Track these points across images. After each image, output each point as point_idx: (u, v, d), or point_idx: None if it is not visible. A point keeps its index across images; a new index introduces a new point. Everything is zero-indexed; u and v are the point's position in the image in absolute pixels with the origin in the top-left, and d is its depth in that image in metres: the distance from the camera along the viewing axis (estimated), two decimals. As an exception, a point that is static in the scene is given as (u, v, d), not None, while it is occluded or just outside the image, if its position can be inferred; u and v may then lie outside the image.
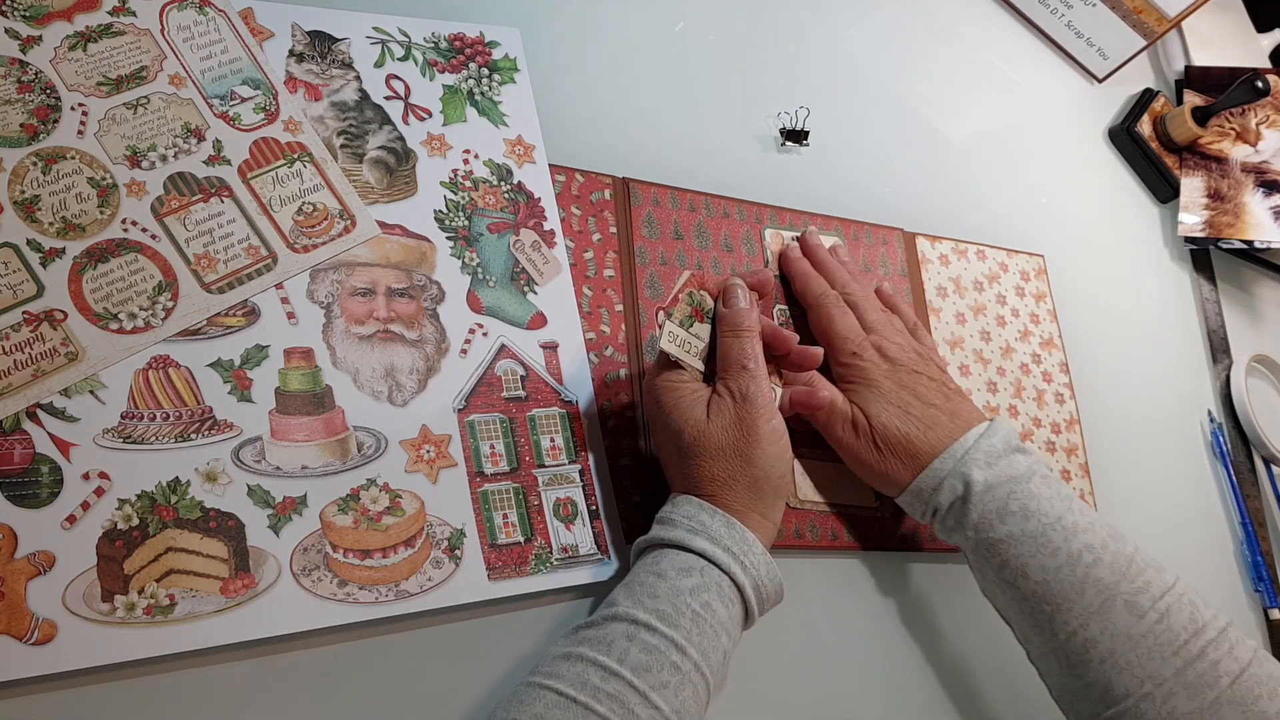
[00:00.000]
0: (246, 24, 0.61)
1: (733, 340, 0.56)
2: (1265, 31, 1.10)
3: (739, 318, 0.57)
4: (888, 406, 0.60)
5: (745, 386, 0.55)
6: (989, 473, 0.57)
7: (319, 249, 0.57)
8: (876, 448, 0.60)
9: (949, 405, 0.61)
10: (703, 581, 0.51)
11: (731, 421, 0.54)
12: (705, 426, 0.54)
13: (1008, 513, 0.56)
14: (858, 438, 0.61)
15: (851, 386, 0.62)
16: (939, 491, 0.58)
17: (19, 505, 0.47)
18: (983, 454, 0.58)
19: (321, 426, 0.53)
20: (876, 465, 0.60)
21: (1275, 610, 0.84)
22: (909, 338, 0.66)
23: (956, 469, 0.58)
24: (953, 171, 0.87)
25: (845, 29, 0.88)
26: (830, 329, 0.65)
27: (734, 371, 0.55)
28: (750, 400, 0.54)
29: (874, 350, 0.63)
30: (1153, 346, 0.91)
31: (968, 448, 0.58)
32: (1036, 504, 0.56)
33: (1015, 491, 0.57)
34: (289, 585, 0.50)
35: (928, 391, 0.61)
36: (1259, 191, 0.97)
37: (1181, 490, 0.86)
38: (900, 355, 0.63)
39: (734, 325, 0.56)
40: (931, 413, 0.60)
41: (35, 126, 0.54)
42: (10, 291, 0.50)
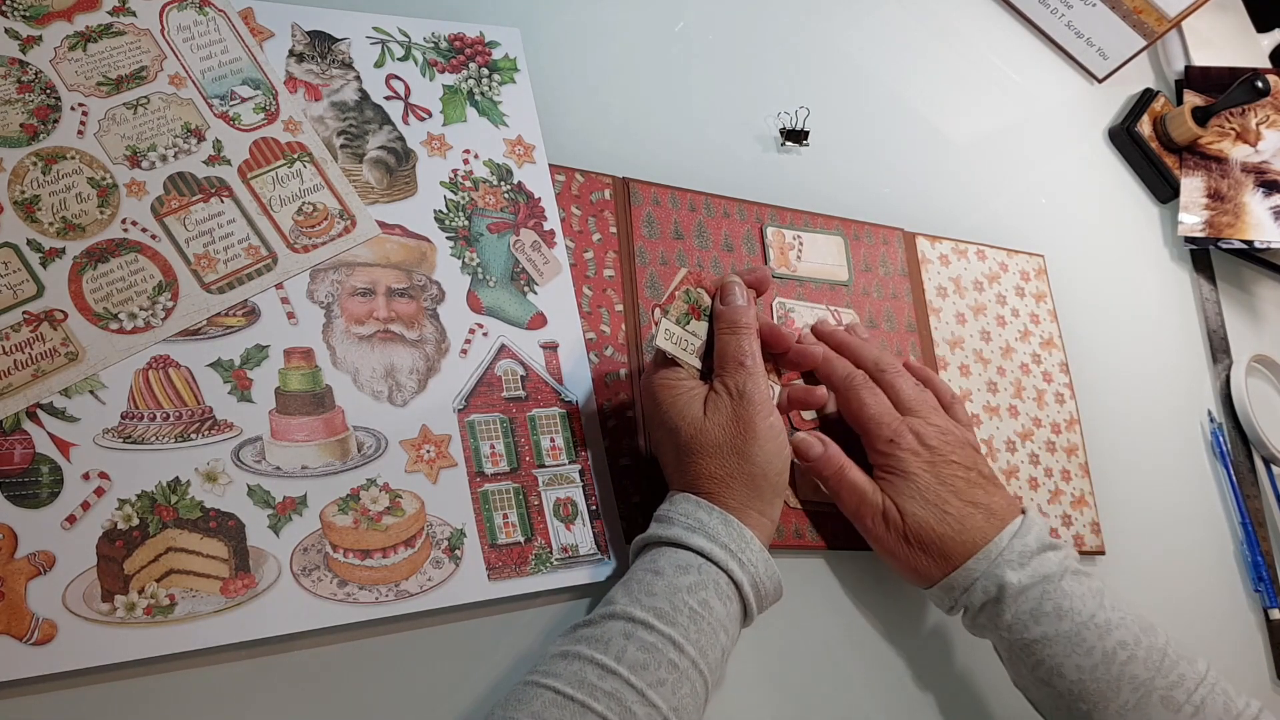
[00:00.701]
0: (246, 24, 0.61)
1: (730, 337, 0.56)
2: (1265, 31, 1.10)
3: (736, 314, 0.56)
4: (924, 505, 0.58)
5: (742, 383, 0.54)
6: (1022, 573, 0.57)
7: (319, 249, 0.57)
8: (907, 543, 0.59)
9: (985, 501, 0.59)
10: (700, 579, 0.51)
11: (729, 418, 0.54)
12: (702, 424, 0.54)
13: (1042, 613, 0.56)
14: (888, 530, 0.59)
15: (887, 477, 0.60)
16: (971, 591, 0.58)
17: (19, 505, 0.47)
18: (1016, 554, 0.57)
19: (321, 426, 0.53)
20: (906, 560, 0.59)
21: (1275, 610, 0.84)
22: (946, 418, 0.63)
23: (990, 570, 0.57)
24: (953, 171, 0.87)
25: (845, 29, 0.88)
26: (863, 414, 0.61)
27: (731, 368, 0.55)
28: (747, 397, 0.54)
29: (912, 437, 0.60)
30: (1153, 346, 0.91)
31: (1002, 548, 0.57)
32: (1070, 603, 0.56)
33: (1049, 592, 0.56)
34: (289, 585, 0.50)
35: (966, 486, 0.59)
36: (1259, 191, 0.97)
37: (1181, 490, 0.86)
38: (939, 442, 0.60)
39: (731, 322, 0.56)
40: (968, 511, 0.58)
41: (35, 126, 0.54)
42: (10, 291, 0.50)
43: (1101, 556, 0.76)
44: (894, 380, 0.63)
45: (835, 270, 0.74)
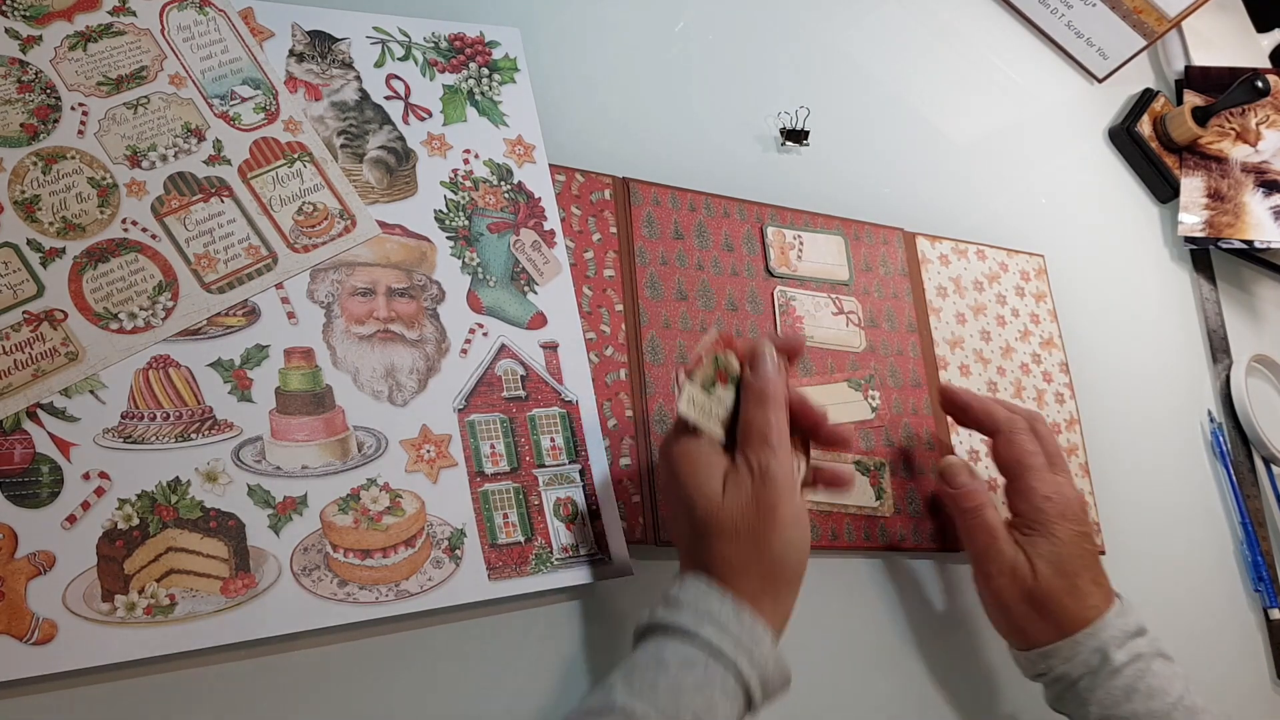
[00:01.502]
0: (246, 24, 0.61)
1: (756, 410, 0.51)
2: (1265, 31, 1.10)
3: (765, 385, 0.52)
4: (1059, 572, 0.58)
5: (765, 462, 0.50)
6: (1122, 652, 0.57)
7: (319, 249, 0.57)
8: (1028, 602, 0.59)
9: (1103, 580, 0.60)
10: (706, 677, 0.47)
11: (748, 500, 0.49)
12: (720, 502, 0.50)
13: (1135, 691, 0.57)
14: (1012, 583, 0.59)
15: (1030, 534, 0.60)
16: (1072, 662, 0.58)
17: (19, 505, 0.47)
18: (1120, 632, 0.58)
19: (322, 426, 0.53)
20: (1017, 617, 0.59)
21: (1275, 610, 0.84)
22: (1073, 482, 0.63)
23: (1097, 645, 0.58)
24: (953, 171, 0.87)
25: (845, 29, 0.88)
26: (1025, 461, 0.61)
27: (755, 444, 0.51)
28: (770, 478, 0.50)
29: (1065, 501, 0.60)
30: (1153, 346, 0.91)
31: (1110, 625, 0.58)
32: (1160, 683, 0.57)
33: (1142, 671, 0.57)
34: (289, 585, 0.50)
35: (1094, 562, 0.60)
36: (1259, 191, 0.97)
37: (1181, 490, 0.86)
38: (1082, 510, 0.61)
39: (759, 394, 0.52)
40: (1092, 588, 0.59)
41: (35, 126, 0.54)
42: (10, 291, 0.50)
43: (1101, 556, 0.76)
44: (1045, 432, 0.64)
45: (836, 270, 0.74)
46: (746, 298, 0.69)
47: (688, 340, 0.65)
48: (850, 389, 0.70)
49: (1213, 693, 0.77)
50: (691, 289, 0.67)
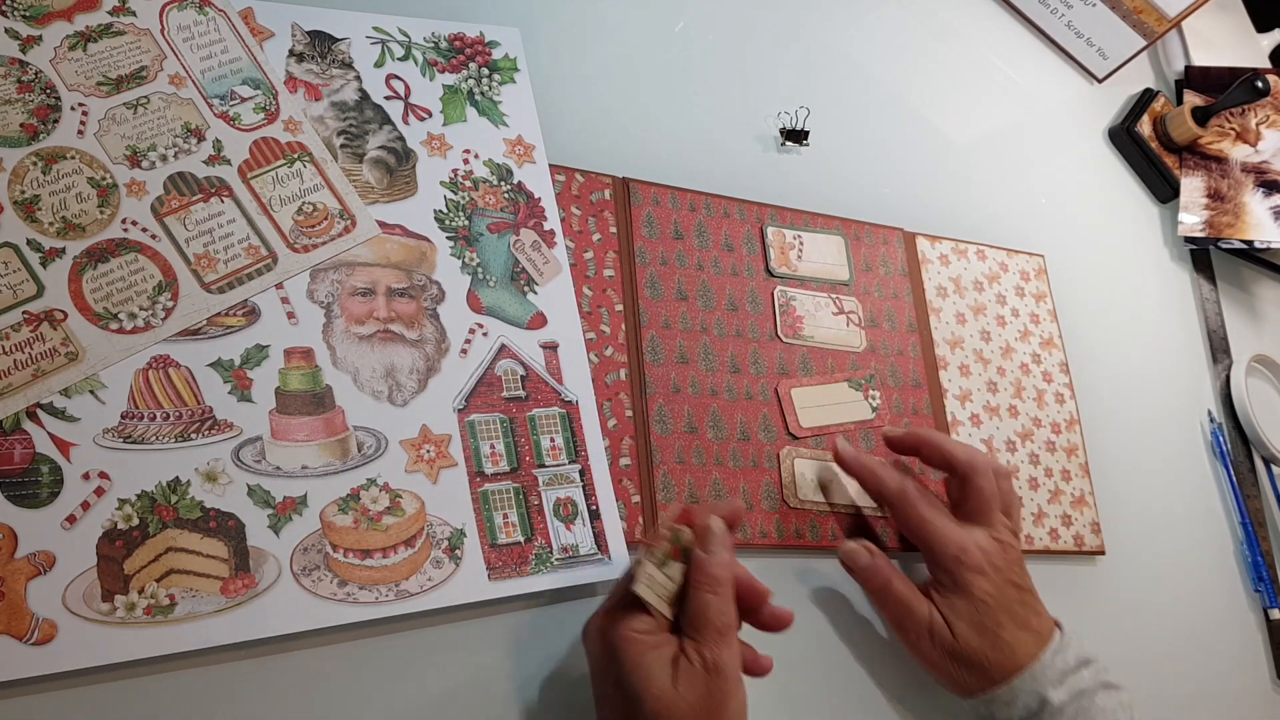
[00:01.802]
0: (246, 24, 0.61)
1: (711, 597, 0.49)
2: (1265, 31, 1.10)
3: (720, 570, 0.49)
4: (979, 630, 0.58)
5: (718, 656, 0.47)
6: (1060, 691, 0.57)
7: (319, 249, 0.57)
8: (952, 659, 0.59)
9: (1036, 624, 0.59)
10: None
11: (701, 695, 0.46)
12: (671, 697, 0.46)
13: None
14: (933, 645, 0.59)
15: (945, 595, 0.59)
16: (1011, 706, 0.58)
17: (19, 505, 0.47)
18: (1057, 672, 0.58)
19: (321, 426, 0.53)
20: (946, 673, 0.59)
21: (1275, 610, 0.84)
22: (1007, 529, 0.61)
23: (1033, 689, 0.57)
24: (953, 171, 0.87)
25: (845, 29, 0.88)
26: (925, 530, 0.60)
27: (709, 636, 0.48)
28: (724, 674, 0.47)
29: (980, 555, 0.59)
30: (1153, 346, 0.91)
31: (1045, 666, 0.58)
32: (1103, 718, 0.57)
33: (1084, 708, 0.57)
34: (289, 585, 0.50)
35: (1020, 609, 0.59)
36: (1259, 191, 0.97)
37: (1181, 490, 0.86)
38: (1004, 562, 0.59)
39: (713, 579, 0.49)
40: (1020, 636, 0.58)
41: (35, 126, 0.54)
42: (10, 291, 0.50)
43: (1101, 556, 0.76)
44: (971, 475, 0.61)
45: (836, 270, 0.74)
46: (746, 298, 0.69)
47: (688, 340, 0.65)
48: (850, 389, 0.70)
49: (1213, 693, 0.78)
50: (691, 289, 0.67)
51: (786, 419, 0.67)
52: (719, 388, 0.65)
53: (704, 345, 0.66)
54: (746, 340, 0.68)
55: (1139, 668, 0.74)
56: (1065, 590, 0.73)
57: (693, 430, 0.63)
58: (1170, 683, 0.76)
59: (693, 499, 0.61)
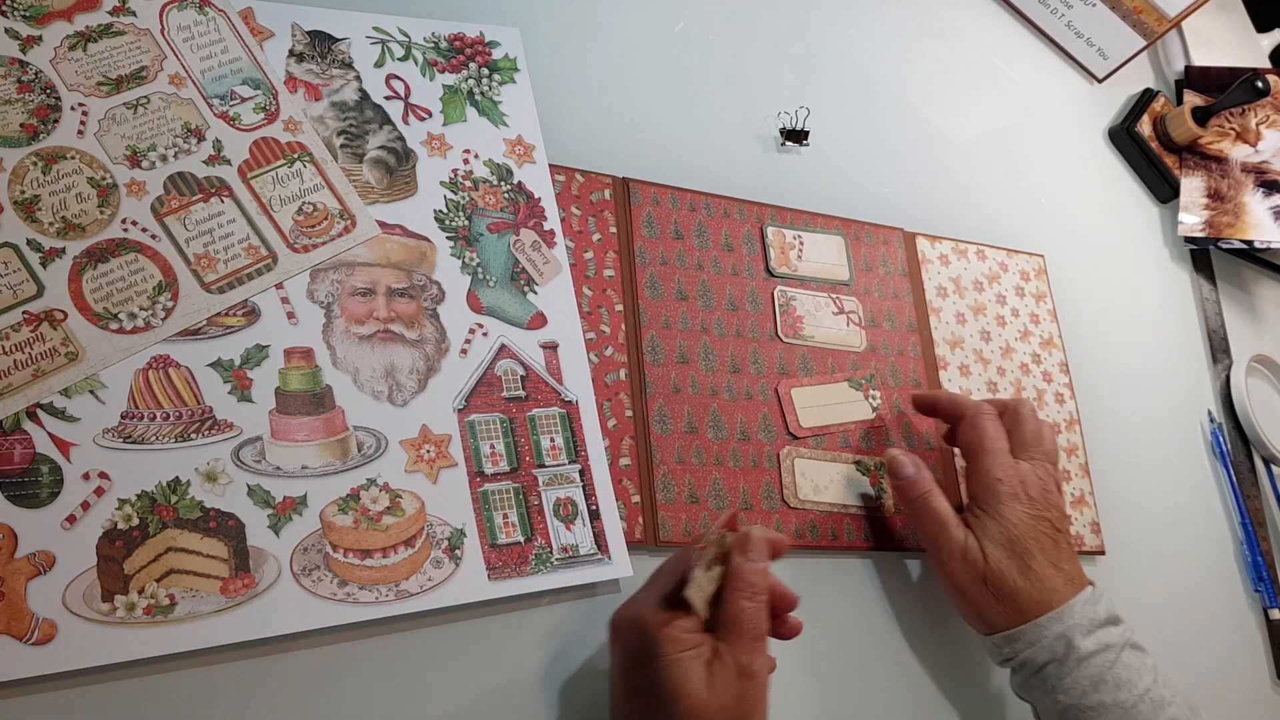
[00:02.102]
0: (246, 24, 0.61)
1: (748, 604, 0.49)
2: (1265, 31, 1.10)
3: (759, 578, 0.50)
4: (1009, 554, 0.58)
5: (752, 661, 0.48)
6: (1089, 640, 0.57)
7: (319, 249, 0.57)
8: (983, 586, 0.59)
9: (1065, 567, 0.59)
10: None
11: (734, 698, 0.47)
12: (706, 699, 0.47)
13: (1102, 682, 0.57)
14: (964, 567, 0.59)
15: (980, 516, 0.60)
16: (1036, 648, 0.58)
17: (19, 505, 0.47)
18: (1087, 620, 0.58)
19: (321, 426, 0.53)
20: (976, 601, 0.59)
21: (1275, 610, 0.84)
22: (1049, 469, 0.62)
23: (1062, 632, 0.57)
24: (953, 171, 0.87)
25: (845, 29, 0.88)
26: (983, 443, 0.62)
27: (746, 644, 0.48)
28: (757, 680, 0.48)
29: (1019, 483, 0.60)
30: (1153, 346, 0.91)
31: (1075, 612, 0.58)
32: (1129, 675, 0.57)
33: (1110, 661, 0.57)
34: (289, 585, 0.50)
35: (1053, 546, 0.59)
36: (1259, 191, 0.97)
37: (1181, 490, 0.86)
38: (1040, 494, 0.60)
39: (751, 586, 0.50)
40: (1050, 572, 0.59)
41: (35, 126, 0.54)
42: (10, 291, 0.50)
43: (1101, 556, 0.76)
44: (1020, 411, 0.64)
45: (836, 270, 0.74)
46: (746, 298, 0.69)
47: (688, 340, 0.65)
48: (851, 389, 0.70)
49: (1213, 693, 0.78)
50: (691, 289, 0.67)
51: (786, 418, 0.67)
52: (719, 388, 0.65)
53: (704, 345, 0.66)
54: (747, 340, 0.68)
55: (1139, 668, 0.75)
56: (1065, 590, 0.73)
57: (693, 430, 0.63)
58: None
59: (693, 499, 0.61)
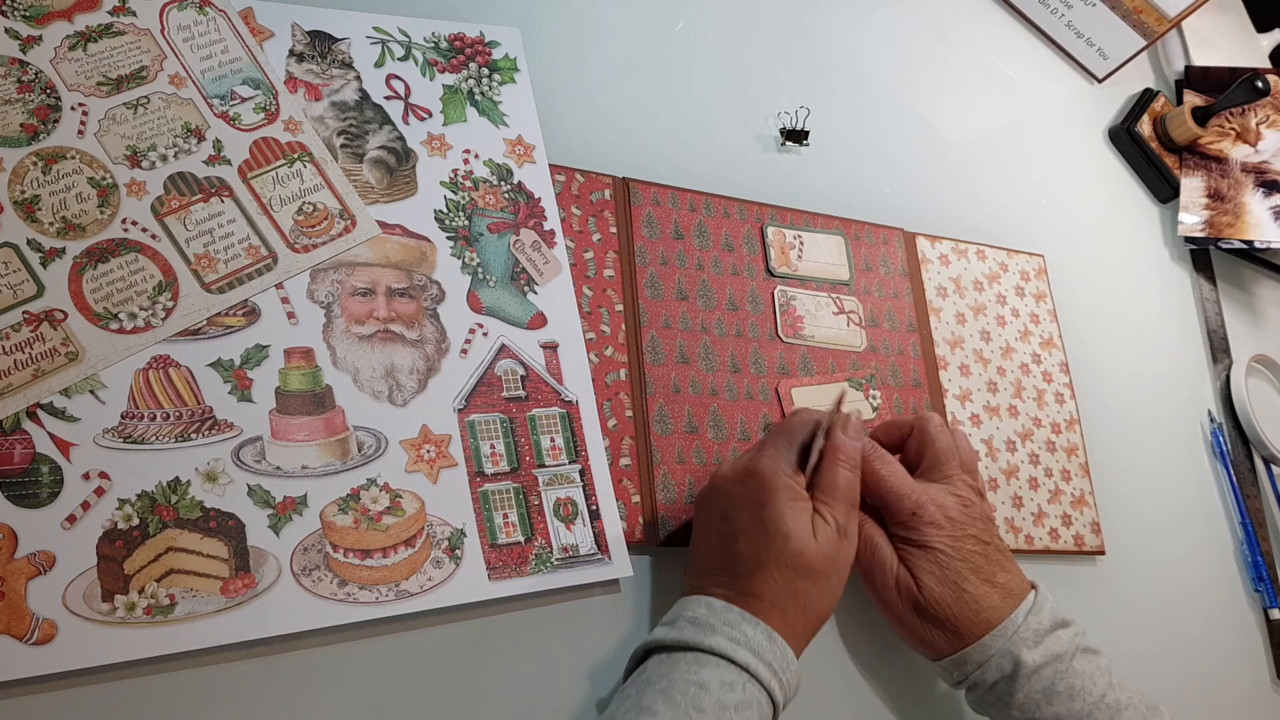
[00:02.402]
0: (246, 24, 0.61)
1: (849, 473, 0.56)
2: (1265, 31, 1.10)
3: (856, 452, 0.57)
4: (943, 582, 0.58)
5: (849, 524, 0.55)
6: (1036, 653, 0.57)
7: (319, 249, 0.57)
8: (919, 614, 0.58)
9: (1003, 580, 0.58)
10: (744, 698, 0.49)
11: (831, 549, 0.54)
12: (813, 545, 0.53)
13: (1055, 693, 0.56)
14: (899, 599, 0.59)
15: (906, 549, 0.59)
16: (984, 668, 0.57)
17: (19, 505, 0.47)
18: (1031, 632, 0.57)
19: (322, 426, 0.53)
20: (915, 631, 0.59)
21: (1275, 610, 0.84)
22: (965, 481, 0.61)
23: (1006, 649, 0.57)
24: (953, 171, 0.87)
25: (845, 29, 0.88)
26: (881, 487, 0.59)
27: (844, 506, 0.55)
28: (849, 538, 0.55)
29: (935, 509, 0.59)
30: (1153, 346, 0.91)
31: (1017, 626, 0.57)
32: (1081, 682, 0.57)
33: (1061, 671, 0.57)
34: (289, 585, 0.50)
35: (984, 563, 0.59)
36: (1259, 191, 0.97)
37: (1181, 490, 0.86)
38: (961, 515, 0.59)
39: (850, 457, 0.56)
40: (985, 590, 0.58)
41: (35, 126, 0.54)
42: (10, 291, 0.50)
43: (1101, 556, 0.76)
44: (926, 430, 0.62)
45: (836, 270, 0.74)
46: (747, 297, 0.69)
47: (688, 340, 0.65)
48: (851, 388, 0.70)
49: (1213, 693, 0.78)
50: (692, 289, 0.67)
51: (786, 419, 0.67)
52: (719, 387, 0.65)
53: (704, 345, 0.66)
54: (747, 340, 0.68)
55: (1139, 667, 0.74)
56: (1065, 590, 0.73)
57: (693, 430, 0.63)
58: (1170, 683, 0.76)
59: (693, 499, 0.61)
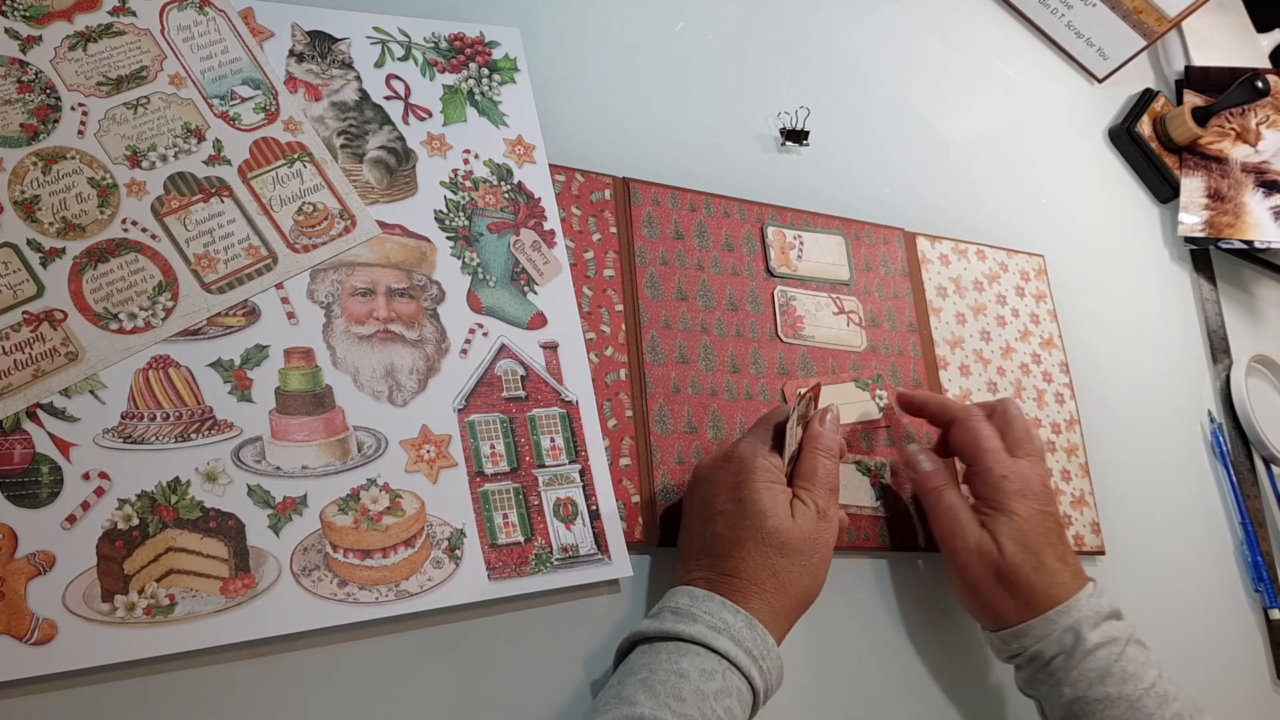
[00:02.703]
0: (246, 24, 0.61)
1: (827, 461, 0.58)
2: (1265, 31, 1.10)
3: (834, 444, 0.59)
4: (1024, 549, 0.59)
5: (828, 508, 0.57)
6: (1096, 633, 0.58)
7: (319, 249, 0.57)
8: (997, 579, 0.60)
9: (1071, 561, 0.61)
10: (725, 686, 0.50)
11: (811, 531, 0.55)
12: (790, 524, 0.54)
13: (1109, 674, 0.58)
14: (979, 562, 0.60)
15: (991, 513, 0.61)
16: (1045, 641, 0.59)
17: (19, 505, 0.47)
18: (1094, 614, 0.59)
19: (321, 426, 0.53)
20: (988, 596, 0.60)
21: (1275, 610, 0.84)
22: (1044, 466, 0.64)
23: (1070, 625, 0.59)
24: (953, 171, 0.87)
25: (845, 29, 0.88)
26: (979, 445, 0.63)
27: (824, 491, 0.57)
28: (829, 520, 0.56)
29: (1023, 480, 0.61)
30: (1153, 346, 0.91)
31: (1082, 605, 0.59)
32: (1135, 668, 0.58)
33: (1116, 654, 0.58)
34: (289, 585, 0.50)
35: (1058, 541, 0.61)
36: (1259, 191, 0.97)
37: (1181, 490, 0.86)
38: (1043, 491, 0.62)
39: (828, 448, 0.59)
40: (1058, 567, 0.60)
41: (35, 126, 0.54)
42: (10, 291, 0.50)
43: (1101, 556, 0.76)
44: (1008, 410, 0.65)
45: (836, 270, 0.74)
46: (747, 297, 0.69)
47: (688, 340, 0.65)
48: (857, 388, 0.70)
49: (1213, 693, 0.78)
50: (691, 289, 0.67)
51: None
52: (719, 388, 0.65)
53: (704, 345, 0.66)
54: (747, 340, 0.68)
55: (1139, 668, 0.75)
56: (1065, 590, 0.73)
57: (693, 430, 0.63)
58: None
59: (693, 499, 0.61)
